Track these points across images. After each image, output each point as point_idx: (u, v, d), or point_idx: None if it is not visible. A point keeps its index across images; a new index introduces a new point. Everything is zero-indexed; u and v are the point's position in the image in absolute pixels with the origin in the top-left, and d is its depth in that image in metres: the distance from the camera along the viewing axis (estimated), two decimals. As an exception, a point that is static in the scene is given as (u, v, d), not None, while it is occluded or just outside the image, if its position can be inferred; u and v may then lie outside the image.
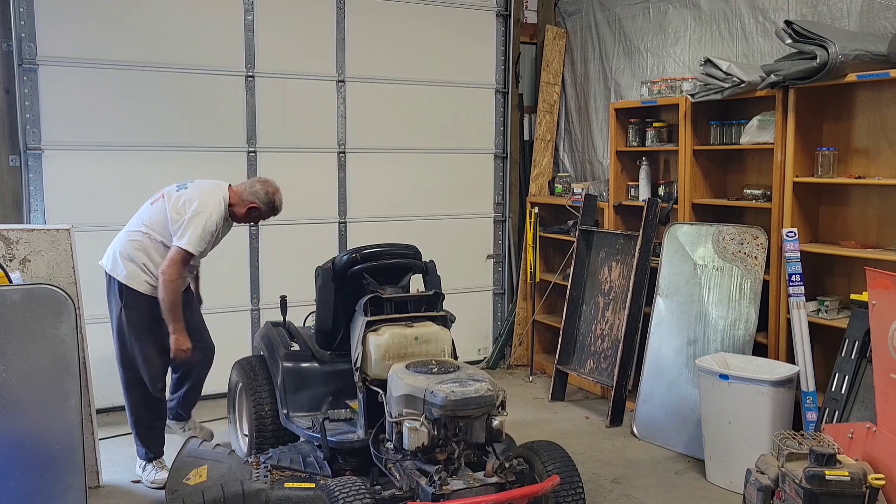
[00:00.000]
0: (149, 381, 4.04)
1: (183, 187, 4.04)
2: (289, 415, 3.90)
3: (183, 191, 4.02)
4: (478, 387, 3.19)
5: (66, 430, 2.95)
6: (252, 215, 4.16)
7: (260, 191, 4.14)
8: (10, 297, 2.87)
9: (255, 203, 4.11)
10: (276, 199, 4.18)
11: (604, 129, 6.14)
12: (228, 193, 4.08)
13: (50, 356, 2.91)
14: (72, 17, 4.99)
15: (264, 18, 5.54)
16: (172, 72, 5.30)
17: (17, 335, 2.85)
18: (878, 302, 3.24)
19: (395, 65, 6.02)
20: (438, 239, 6.07)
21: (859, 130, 4.35)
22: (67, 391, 2.94)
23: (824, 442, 3.15)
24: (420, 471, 3.23)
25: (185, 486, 3.37)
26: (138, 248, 3.97)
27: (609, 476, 4.29)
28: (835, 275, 4.51)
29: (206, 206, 3.94)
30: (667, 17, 5.60)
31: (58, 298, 2.91)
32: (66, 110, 5.03)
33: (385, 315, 3.66)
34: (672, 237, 4.96)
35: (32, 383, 2.89)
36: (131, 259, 3.96)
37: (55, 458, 2.93)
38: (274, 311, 4.58)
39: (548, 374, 6.03)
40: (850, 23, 4.35)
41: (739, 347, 4.53)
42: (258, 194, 4.12)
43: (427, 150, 6.21)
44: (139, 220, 4.05)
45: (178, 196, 3.99)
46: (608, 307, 5.38)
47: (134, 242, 3.98)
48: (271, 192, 4.17)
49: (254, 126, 5.57)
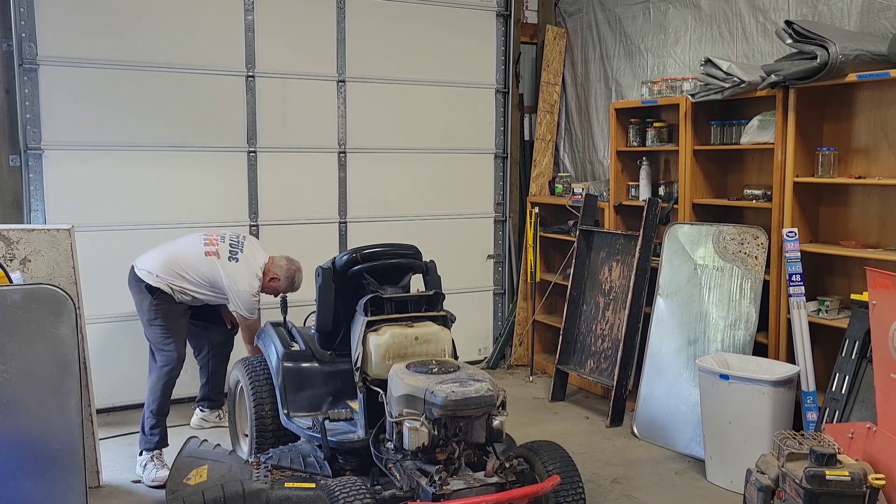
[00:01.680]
0: (177, 360, 4.33)
1: (234, 258, 4.42)
2: (289, 415, 3.90)
3: (234, 263, 4.41)
4: (478, 387, 3.19)
5: (66, 430, 2.95)
6: (271, 286, 4.54)
7: (283, 265, 4.54)
8: (10, 297, 2.86)
9: (276, 276, 4.51)
10: (295, 277, 4.58)
11: (604, 129, 6.13)
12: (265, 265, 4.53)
13: (50, 356, 2.91)
14: (72, 17, 4.99)
15: (264, 18, 5.54)
16: (172, 72, 5.30)
17: (17, 335, 2.85)
18: (878, 302, 3.24)
19: (396, 65, 6.01)
20: (439, 239, 6.07)
21: (859, 130, 4.35)
22: (67, 391, 2.94)
23: (824, 442, 3.15)
24: (420, 471, 3.23)
25: (186, 486, 3.37)
26: (181, 282, 4.36)
27: (609, 476, 4.29)
28: (835, 275, 4.51)
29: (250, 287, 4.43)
30: (667, 17, 5.60)
31: (58, 298, 2.91)
32: (66, 110, 5.03)
33: (385, 315, 3.65)
34: (672, 237, 4.96)
35: (32, 383, 2.89)
36: (169, 284, 4.35)
37: (55, 458, 2.93)
38: (274, 311, 4.59)
39: (548, 374, 6.03)
40: (851, 23, 4.35)
41: (740, 347, 4.53)
42: (282, 268, 4.53)
43: (427, 150, 6.21)
44: (188, 268, 4.37)
45: (231, 268, 4.39)
46: (608, 307, 5.38)
47: (178, 279, 4.35)
48: (293, 270, 4.57)
49: (254, 126, 5.57)
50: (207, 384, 4.91)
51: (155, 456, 4.21)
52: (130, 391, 5.09)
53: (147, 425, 4.25)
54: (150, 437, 4.24)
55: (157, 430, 4.25)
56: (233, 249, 4.46)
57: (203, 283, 4.39)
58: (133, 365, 5.04)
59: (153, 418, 4.25)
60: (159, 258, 4.41)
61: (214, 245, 4.45)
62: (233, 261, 4.42)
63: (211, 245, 4.44)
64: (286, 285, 4.55)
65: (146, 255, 4.47)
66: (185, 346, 4.47)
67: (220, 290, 4.40)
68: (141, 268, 4.40)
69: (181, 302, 4.41)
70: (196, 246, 4.45)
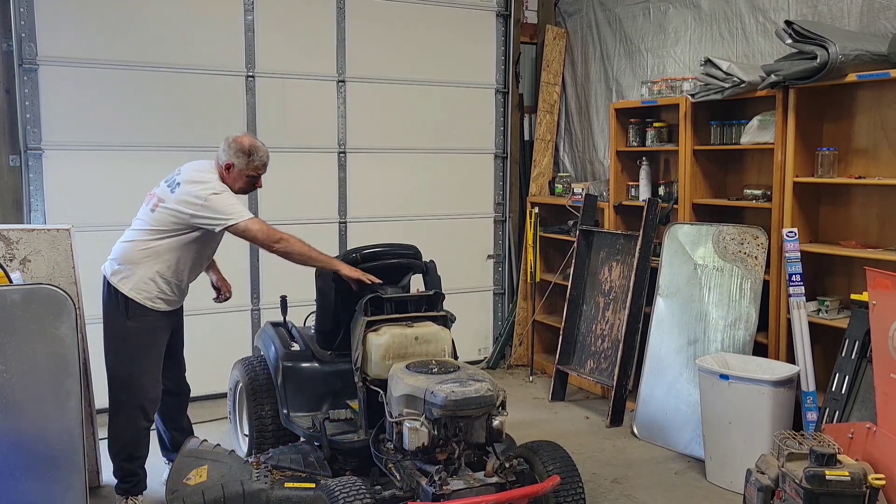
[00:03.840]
0: (145, 403, 3.73)
1: (174, 183, 3.70)
2: (289, 415, 3.90)
3: (175, 187, 3.68)
4: (478, 387, 3.19)
5: (66, 430, 2.95)
6: (233, 176, 3.75)
7: (224, 147, 3.74)
8: (10, 297, 2.86)
9: (228, 163, 3.73)
10: (249, 150, 3.73)
11: (604, 129, 6.13)
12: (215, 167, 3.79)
13: (50, 356, 2.91)
14: (72, 17, 4.99)
15: (264, 18, 5.54)
16: (172, 72, 5.30)
17: (17, 335, 2.85)
18: (878, 302, 3.25)
19: (395, 65, 6.02)
20: (439, 239, 6.07)
21: (859, 130, 4.35)
22: (67, 391, 2.94)
23: (824, 442, 3.15)
24: (420, 471, 3.23)
25: (186, 486, 3.37)
26: (147, 255, 3.69)
27: (609, 476, 4.29)
28: (835, 275, 4.50)
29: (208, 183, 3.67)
30: (667, 17, 5.60)
31: (58, 298, 2.91)
32: (66, 110, 5.03)
33: (385, 315, 3.65)
34: (672, 237, 4.96)
35: (32, 383, 2.89)
36: (139, 268, 3.68)
37: (55, 458, 2.93)
38: (274, 311, 4.58)
39: (548, 374, 6.03)
40: (850, 23, 4.35)
41: (740, 347, 4.53)
42: (227, 150, 3.73)
43: (427, 150, 6.21)
44: (143, 227, 3.72)
45: (178, 191, 3.66)
46: (608, 307, 5.38)
47: (143, 251, 3.68)
48: (238, 143, 3.73)
49: (254, 126, 5.57)
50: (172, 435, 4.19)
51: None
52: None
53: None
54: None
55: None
56: (169, 181, 3.74)
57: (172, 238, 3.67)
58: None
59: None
60: (118, 250, 3.78)
61: (152, 198, 3.76)
62: (172, 185, 3.69)
63: (149, 200, 3.77)
64: (247, 162, 3.73)
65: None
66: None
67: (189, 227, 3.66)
68: (107, 270, 3.79)
69: (160, 311, 3.74)
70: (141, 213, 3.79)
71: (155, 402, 3.81)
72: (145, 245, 3.69)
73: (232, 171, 3.75)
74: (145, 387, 3.73)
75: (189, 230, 3.69)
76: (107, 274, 3.76)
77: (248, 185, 3.83)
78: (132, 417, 3.73)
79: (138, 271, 3.69)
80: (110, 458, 3.83)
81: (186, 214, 3.63)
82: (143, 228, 3.73)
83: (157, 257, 3.70)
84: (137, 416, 3.74)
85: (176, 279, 3.77)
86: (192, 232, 3.70)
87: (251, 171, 3.78)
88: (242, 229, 3.64)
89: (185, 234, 3.70)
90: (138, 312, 3.69)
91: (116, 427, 3.75)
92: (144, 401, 3.74)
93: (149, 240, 3.69)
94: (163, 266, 3.71)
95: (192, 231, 3.70)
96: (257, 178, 3.84)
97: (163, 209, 3.68)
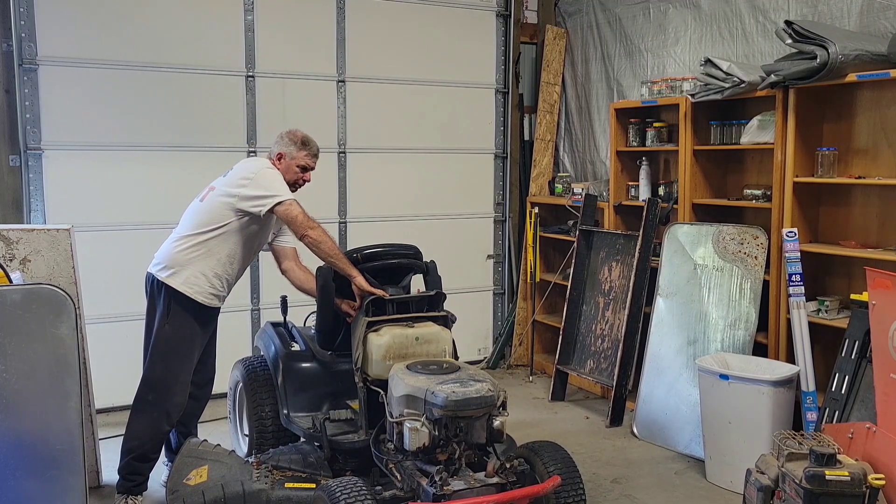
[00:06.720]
0: (170, 408, 3.77)
1: (227, 172, 3.86)
2: (289, 415, 3.90)
3: (228, 173, 3.83)
4: (479, 387, 3.19)
5: (66, 430, 2.94)
6: (285, 165, 3.86)
7: (277, 140, 3.92)
8: (10, 297, 2.86)
9: (280, 153, 3.87)
10: (302, 139, 3.89)
11: (604, 129, 6.13)
12: (268, 160, 3.92)
13: (50, 356, 2.90)
14: (72, 17, 4.99)
15: (264, 18, 5.54)
16: (172, 72, 5.30)
17: (17, 335, 2.85)
18: (878, 302, 3.25)
19: (395, 65, 6.02)
20: (439, 239, 6.07)
21: (859, 130, 4.35)
22: (67, 391, 2.93)
23: (824, 442, 3.15)
24: (421, 471, 3.23)
25: (186, 486, 3.37)
26: (198, 251, 3.73)
27: (609, 476, 4.29)
28: (835, 275, 4.51)
29: (261, 164, 3.84)
30: (667, 17, 5.60)
31: (58, 298, 2.91)
32: (66, 110, 5.03)
33: (386, 315, 3.65)
34: (672, 237, 4.96)
35: (32, 383, 2.88)
36: (190, 265, 3.72)
37: (55, 458, 2.93)
38: (274, 311, 4.58)
39: (548, 374, 6.03)
40: (850, 23, 4.35)
41: (739, 347, 4.53)
42: (279, 143, 3.90)
43: (427, 149, 6.22)
44: (194, 223, 3.78)
45: (230, 174, 3.81)
46: (608, 307, 5.38)
47: (193, 247, 3.73)
48: (290, 134, 3.90)
49: (254, 126, 5.57)
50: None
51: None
52: (130, 391, 5.07)
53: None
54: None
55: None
56: (224, 175, 3.90)
57: (223, 228, 3.74)
58: (133, 365, 5.02)
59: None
60: (165, 249, 3.85)
61: (203, 190, 3.91)
62: (227, 174, 3.86)
63: (199, 195, 3.92)
64: (298, 151, 3.87)
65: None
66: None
67: (236, 214, 3.73)
68: (155, 267, 3.85)
69: (207, 306, 3.80)
70: (192, 209, 3.90)
71: (180, 407, 3.83)
72: (194, 241, 3.74)
73: (283, 161, 3.87)
74: (173, 390, 3.78)
75: (236, 219, 3.75)
76: (153, 272, 3.80)
77: (296, 177, 3.91)
78: (156, 420, 3.78)
79: (189, 267, 3.74)
80: (121, 454, 3.83)
81: (234, 196, 3.71)
82: (190, 225, 3.79)
83: (208, 252, 3.75)
84: (161, 419, 3.78)
85: (227, 273, 3.83)
86: (240, 219, 3.75)
87: (301, 160, 3.89)
88: (286, 207, 3.68)
89: (233, 224, 3.76)
90: (185, 307, 3.73)
91: (139, 425, 3.79)
92: (170, 405, 3.78)
93: (198, 234, 3.75)
94: (213, 260, 3.76)
95: (239, 219, 3.75)
96: (306, 171, 3.94)
97: (213, 196, 3.79)
